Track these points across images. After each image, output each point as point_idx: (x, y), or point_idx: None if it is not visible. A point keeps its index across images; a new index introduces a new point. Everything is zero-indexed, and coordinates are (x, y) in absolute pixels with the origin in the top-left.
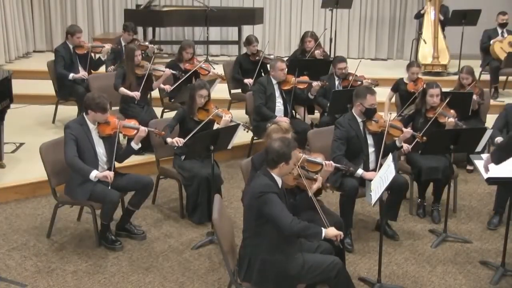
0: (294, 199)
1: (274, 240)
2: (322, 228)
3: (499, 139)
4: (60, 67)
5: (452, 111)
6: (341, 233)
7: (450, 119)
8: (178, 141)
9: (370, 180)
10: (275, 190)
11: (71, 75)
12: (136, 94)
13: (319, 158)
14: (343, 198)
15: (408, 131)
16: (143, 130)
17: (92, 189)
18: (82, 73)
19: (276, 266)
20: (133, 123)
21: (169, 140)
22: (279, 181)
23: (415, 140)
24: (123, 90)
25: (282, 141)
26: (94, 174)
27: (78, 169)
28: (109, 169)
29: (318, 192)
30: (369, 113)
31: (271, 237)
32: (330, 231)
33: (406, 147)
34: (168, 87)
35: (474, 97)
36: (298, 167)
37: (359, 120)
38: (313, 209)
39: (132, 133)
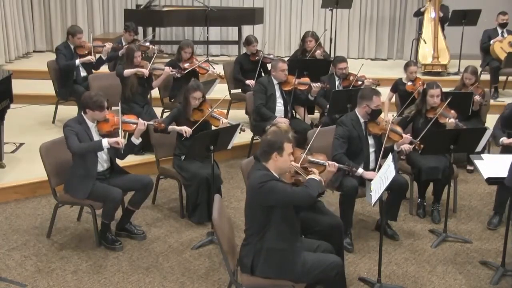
0: None
1: (279, 229)
2: (315, 178)
3: (504, 139)
4: (62, 61)
5: (452, 111)
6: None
7: (450, 120)
8: (187, 131)
9: (370, 180)
10: (274, 178)
11: (77, 61)
12: (145, 69)
13: (321, 159)
14: (343, 198)
15: (406, 137)
16: (142, 123)
17: (93, 188)
18: (90, 57)
19: (281, 255)
20: (131, 118)
21: (177, 127)
22: (276, 176)
23: (414, 144)
24: (127, 71)
25: (274, 131)
26: (105, 142)
27: (87, 149)
28: (110, 167)
29: (320, 193)
30: (375, 114)
31: (276, 227)
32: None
33: (407, 147)
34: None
35: (477, 97)
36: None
37: (362, 120)
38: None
39: (132, 128)
